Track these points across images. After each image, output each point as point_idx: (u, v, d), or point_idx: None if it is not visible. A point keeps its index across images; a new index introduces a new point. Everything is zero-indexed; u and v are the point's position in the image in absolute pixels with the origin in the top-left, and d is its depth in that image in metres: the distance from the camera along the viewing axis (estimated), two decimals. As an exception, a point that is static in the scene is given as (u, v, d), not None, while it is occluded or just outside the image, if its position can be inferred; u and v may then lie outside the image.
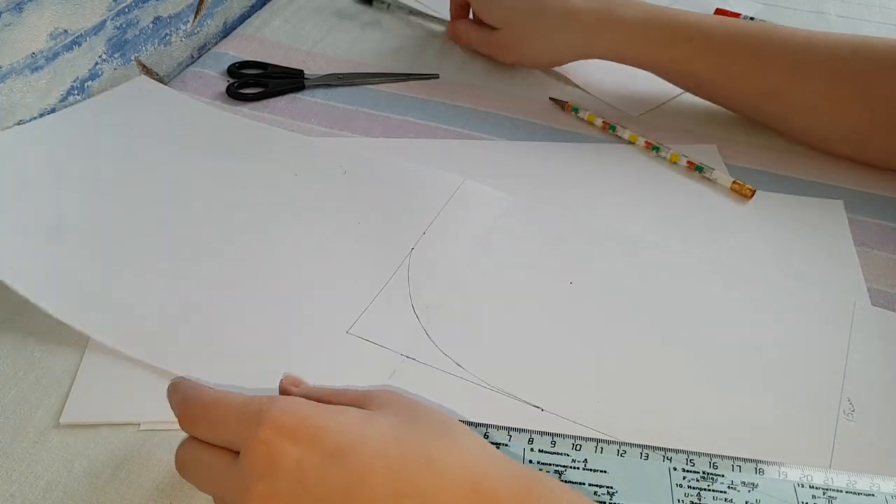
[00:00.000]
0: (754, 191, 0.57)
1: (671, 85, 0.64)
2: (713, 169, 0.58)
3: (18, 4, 0.54)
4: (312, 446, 0.29)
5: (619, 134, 0.62)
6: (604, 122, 0.63)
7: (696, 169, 0.59)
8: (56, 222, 0.51)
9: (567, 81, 0.69)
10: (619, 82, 0.69)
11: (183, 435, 0.41)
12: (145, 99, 0.63)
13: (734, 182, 0.57)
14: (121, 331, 0.45)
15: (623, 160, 0.61)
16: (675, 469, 0.39)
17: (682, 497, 0.38)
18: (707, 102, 0.65)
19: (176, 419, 0.34)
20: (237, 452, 0.31)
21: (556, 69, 0.70)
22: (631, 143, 0.62)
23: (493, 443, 0.40)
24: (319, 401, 0.33)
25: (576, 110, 0.65)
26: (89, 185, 0.54)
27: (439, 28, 0.75)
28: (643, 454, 0.40)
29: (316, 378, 0.43)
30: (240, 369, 0.43)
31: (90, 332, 0.44)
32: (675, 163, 0.60)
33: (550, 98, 0.67)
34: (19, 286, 0.45)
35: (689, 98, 0.67)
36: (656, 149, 0.60)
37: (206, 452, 0.33)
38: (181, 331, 0.45)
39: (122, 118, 0.61)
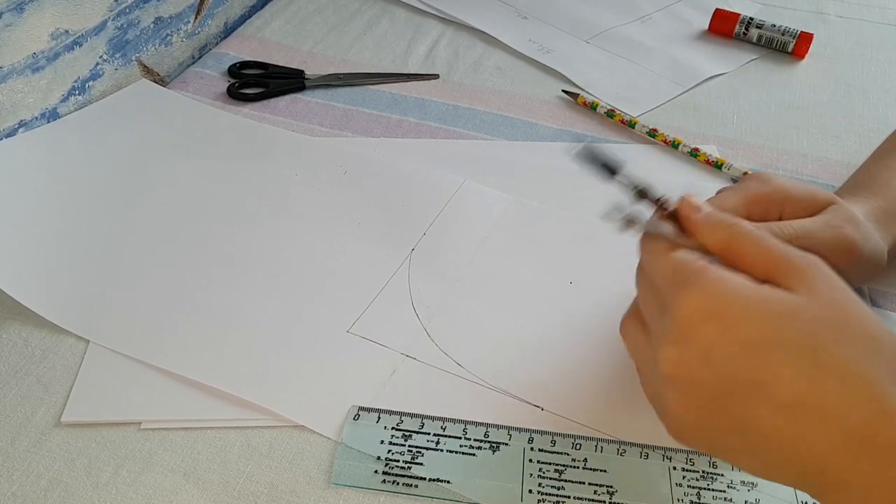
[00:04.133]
0: None
1: (671, 85, 0.63)
2: (731, 164, 0.59)
3: (19, 5, 0.54)
4: (728, 332, 0.29)
5: (638, 130, 0.62)
6: (620, 117, 0.63)
7: (715, 166, 0.59)
8: (58, 228, 0.51)
9: (567, 81, 0.69)
10: (619, 82, 0.69)
11: (182, 435, 0.41)
12: (146, 102, 0.63)
13: (744, 173, 0.58)
14: (121, 334, 0.45)
15: (624, 159, 0.60)
16: (674, 468, 0.39)
17: (681, 496, 0.38)
18: (707, 103, 0.65)
19: (177, 418, 0.34)
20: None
21: (556, 69, 0.70)
22: (652, 136, 0.62)
23: (493, 442, 0.40)
24: (730, 250, 0.32)
25: (594, 107, 0.65)
26: (91, 190, 0.55)
27: (440, 28, 0.76)
28: (643, 454, 0.40)
29: (316, 378, 0.43)
30: (240, 369, 0.43)
31: (91, 337, 0.45)
32: (694, 156, 0.60)
33: (563, 90, 0.67)
34: (20, 295, 0.46)
35: (689, 98, 0.67)
36: (675, 145, 0.61)
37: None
38: (182, 331, 0.45)
39: (123, 122, 0.61)
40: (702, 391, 0.30)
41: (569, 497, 0.38)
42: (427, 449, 0.40)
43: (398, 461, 0.39)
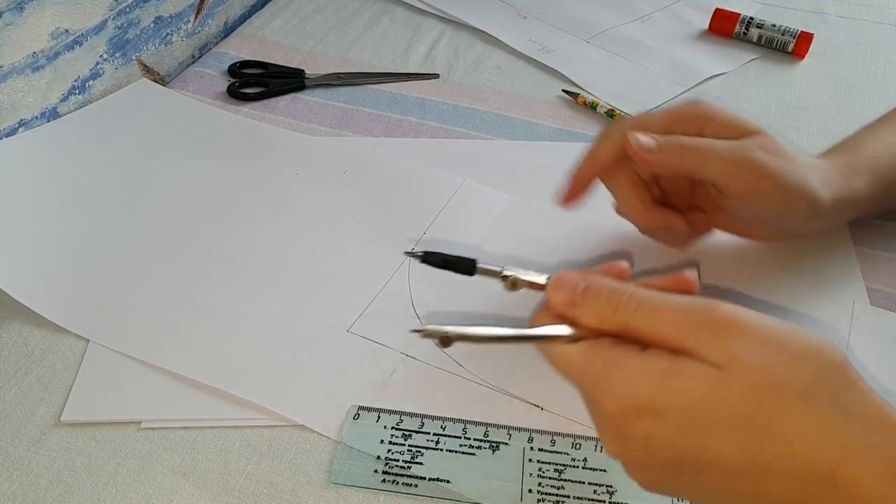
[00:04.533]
0: None
1: (671, 85, 0.63)
2: None
3: (19, 4, 0.54)
4: (661, 423, 0.29)
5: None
6: (620, 117, 0.63)
7: None
8: (58, 228, 0.51)
9: (567, 81, 0.69)
10: (620, 82, 0.69)
11: (182, 434, 0.41)
12: (146, 102, 0.63)
13: None
14: (121, 334, 0.45)
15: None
16: (674, 468, 0.39)
17: (681, 496, 0.38)
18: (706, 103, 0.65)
19: (176, 418, 0.34)
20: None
21: (556, 69, 0.70)
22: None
23: (492, 442, 0.40)
24: (630, 330, 0.31)
25: (594, 107, 0.65)
26: (91, 189, 0.55)
27: (440, 28, 0.76)
28: (642, 453, 0.40)
29: (316, 377, 0.43)
30: (240, 368, 0.43)
31: (91, 336, 0.45)
32: None
33: (563, 90, 0.67)
34: (20, 294, 0.46)
35: (689, 98, 0.67)
36: None
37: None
38: (182, 331, 0.45)
39: (123, 122, 0.61)
40: (652, 471, 0.31)
41: (568, 497, 0.38)
42: (427, 448, 0.40)
43: (398, 461, 0.39)
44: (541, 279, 0.34)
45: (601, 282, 0.32)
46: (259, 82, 0.66)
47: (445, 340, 0.32)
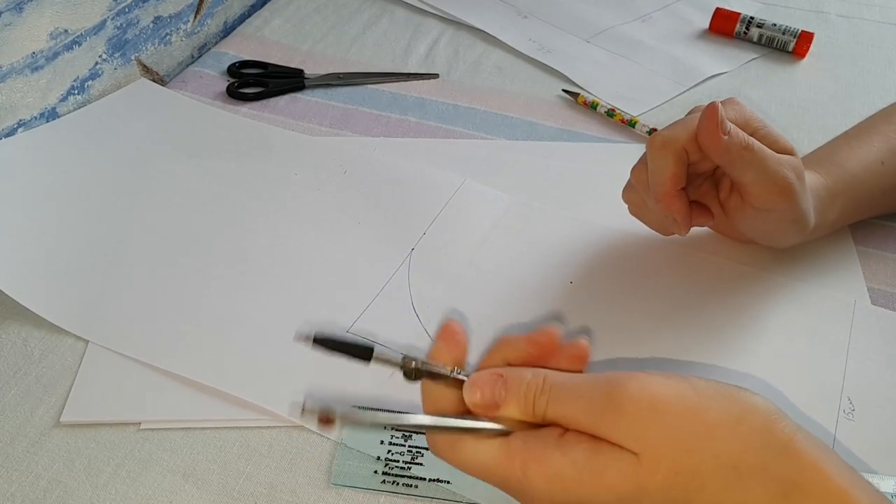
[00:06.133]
0: None
1: (671, 84, 0.63)
2: None
3: (18, 4, 0.54)
4: None
5: (638, 129, 0.62)
6: (620, 116, 0.63)
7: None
8: (57, 228, 0.51)
9: (567, 80, 0.69)
10: (620, 82, 0.69)
11: (182, 435, 0.41)
12: (145, 102, 0.63)
13: None
14: (121, 335, 0.45)
15: (625, 158, 0.60)
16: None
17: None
18: (707, 102, 0.64)
19: (176, 418, 0.34)
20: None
21: (556, 68, 0.70)
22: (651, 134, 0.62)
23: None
24: (541, 416, 0.29)
25: (594, 106, 0.65)
26: (90, 190, 0.54)
27: (440, 27, 0.75)
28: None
29: (316, 377, 0.43)
30: (240, 369, 0.43)
31: (90, 337, 0.45)
32: None
33: (563, 90, 0.67)
34: (19, 295, 0.46)
35: (690, 98, 0.67)
36: None
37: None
38: (181, 331, 0.45)
39: (122, 122, 0.61)
40: None
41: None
42: (427, 449, 0.40)
43: (398, 461, 0.39)
44: (444, 370, 0.32)
45: (517, 378, 0.30)
46: (258, 82, 0.66)
47: (325, 420, 0.29)
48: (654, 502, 0.28)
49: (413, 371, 0.31)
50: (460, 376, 0.31)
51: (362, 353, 0.31)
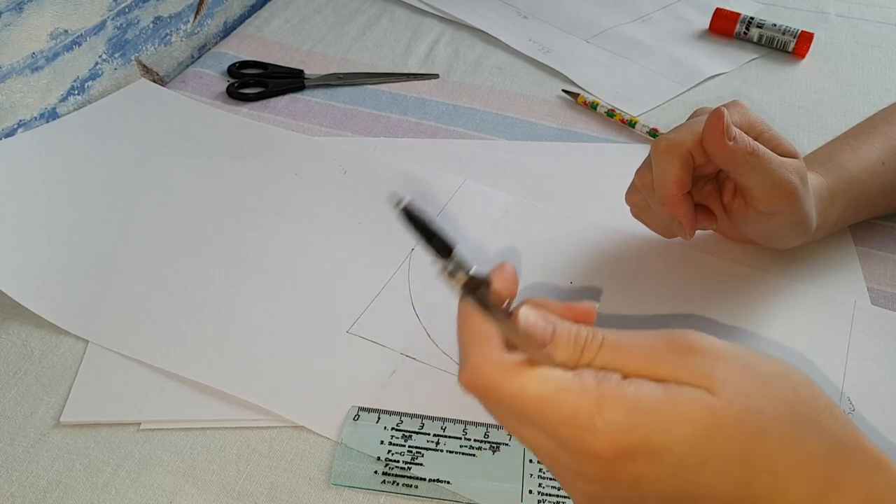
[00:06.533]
0: None
1: (671, 84, 0.63)
2: None
3: (19, 4, 0.54)
4: (655, 464, 0.27)
5: (638, 129, 0.62)
6: (620, 117, 0.63)
7: None
8: (57, 228, 0.51)
9: (567, 81, 0.69)
10: (620, 82, 0.69)
11: (182, 436, 0.41)
12: (145, 102, 0.63)
13: None
14: (121, 334, 0.45)
15: (625, 158, 0.60)
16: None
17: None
18: (707, 102, 0.65)
19: (176, 418, 0.34)
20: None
21: (556, 69, 0.70)
22: (653, 136, 0.61)
23: (493, 443, 0.40)
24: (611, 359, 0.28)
25: (594, 106, 0.65)
26: (90, 190, 0.54)
27: (440, 28, 0.75)
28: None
29: (316, 378, 0.43)
30: (240, 369, 0.43)
31: (90, 337, 0.45)
32: None
33: (563, 90, 0.67)
34: (19, 295, 0.46)
35: (690, 98, 0.67)
36: None
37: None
38: (181, 331, 0.45)
39: (122, 122, 0.61)
40: None
41: (569, 497, 0.38)
42: (427, 449, 0.40)
43: (398, 461, 0.39)
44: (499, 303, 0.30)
45: (566, 322, 0.30)
46: (258, 82, 0.66)
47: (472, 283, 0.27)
48: (725, 441, 0.27)
49: (471, 282, 0.29)
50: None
51: (442, 246, 0.30)
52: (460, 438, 0.40)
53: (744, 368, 0.28)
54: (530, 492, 0.38)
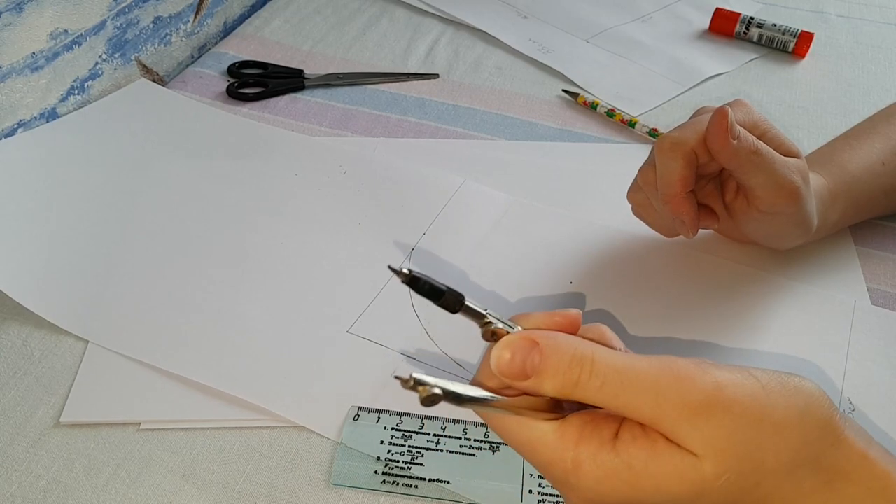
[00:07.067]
0: None
1: (671, 84, 0.63)
2: None
3: (19, 4, 0.54)
4: None
5: (638, 129, 0.62)
6: (620, 117, 0.63)
7: None
8: (57, 228, 0.51)
9: (567, 81, 0.69)
10: (620, 82, 0.69)
11: (182, 436, 0.41)
12: (145, 102, 0.63)
13: None
14: (121, 335, 0.45)
15: (625, 158, 0.60)
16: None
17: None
18: (707, 102, 0.65)
19: (176, 418, 0.34)
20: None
21: (556, 69, 0.70)
22: (653, 136, 0.62)
23: (493, 443, 0.40)
24: (609, 403, 0.27)
25: (594, 106, 0.65)
26: (90, 190, 0.54)
27: (440, 28, 0.75)
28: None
29: (316, 378, 0.43)
30: (240, 369, 0.43)
31: (90, 337, 0.45)
32: None
33: (563, 90, 0.67)
34: (19, 295, 0.46)
35: (690, 98, 0.67)
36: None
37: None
38: (181, 331, 0.45)
39: (122, 122, 0.61)
40: None
41: (569, 497, 0.38)
42: (427, 449, 0.40)
43: (398, 461, 0.39)
44: (513, 328, 0.30)
45: (554, 348, 0.28)
46: (258, 82, 0.66)
47: (432, 398, 0.26)
48: (710, 500, 0.27)
49: (490, 333, 0.29)
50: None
51: (451, 303, 0.29)
52: (460, 438, 0.40)
53: (756, 422, 0.27)
54: (530, 492, 0.38)
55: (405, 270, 0.27)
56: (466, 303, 0.29)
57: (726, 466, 0.26)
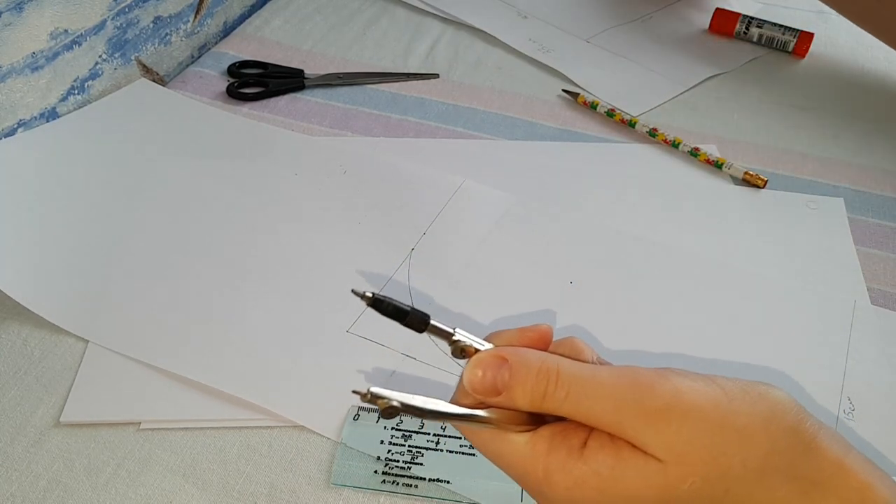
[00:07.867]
0: (766, 180, 0.58)
1: (671, 84, 0.63)
2: (732, 164, 0.59)
3: (19, 4, 0.54)
4: None
5: (638, 129, 0.62)
6: (620, 117, 0.63)
7: (715, 165, 0.59)
8: (57, 228, 0.51)
9: (567, 80, 0.69)
10: (620, 82, 0.69)
11: (182, 435, 0.41)
12: (145, 102, 0.63)
13: (746, 172, 0.58)
14: (121, 335, 0.45)
15: (625, 158, 0.61)
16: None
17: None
18: (707, 102, 0.65)
19: (176, 418, 0.34)
20: None
21: (556, 68, 0.70)
22: (653, 136, 0.62)
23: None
24: (570, 412, 0.28)
25: (594, 106, 0.65)
26: (90, 190, 0.54)
27: (440, 27, 0.75)
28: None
29: (316, 378, 0.43)
30: (240, 369, 0.43)
31: (90, 337, 0.45)
32: (694, 156, 0.60)
33: (563, 90, 0.67)
34: (19, 295, 0.46)
35: (690, 98, 0.67)
36: (676, 145, 0.61)
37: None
38: (181, 331, 0.45)
39: (122, 122, 0.61)
40: None
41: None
42: (427, 449, 0.40)
43: (398, 461, 0.39)
44: (484, 346, 0.30)
45: (523, 363, 0.28)
46: (258, 82, 0.66)
47: (390, 411, 0.27)
48: None
49: (460, 349, 0.30)
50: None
51: (416, 322, 0.29)
52: (460, 438, 0.40)
53: (717, 428, 0.27)
54: (530, 492, 0.38)
55: (368, 294, 0.28)
56: (432, 322, 0.30)
57: (690, 471, 0.27)
